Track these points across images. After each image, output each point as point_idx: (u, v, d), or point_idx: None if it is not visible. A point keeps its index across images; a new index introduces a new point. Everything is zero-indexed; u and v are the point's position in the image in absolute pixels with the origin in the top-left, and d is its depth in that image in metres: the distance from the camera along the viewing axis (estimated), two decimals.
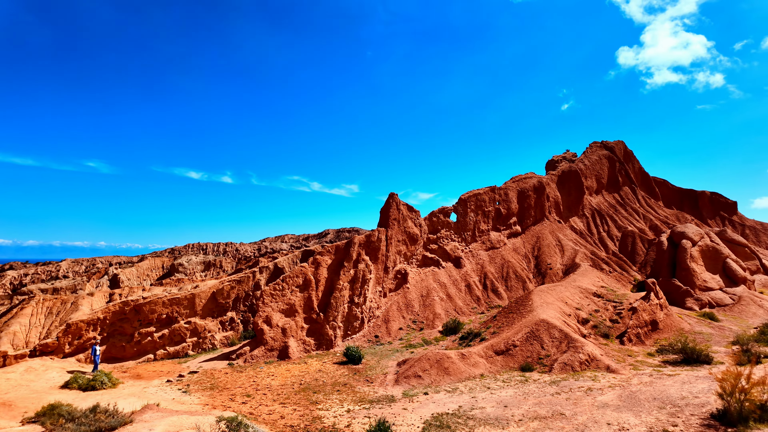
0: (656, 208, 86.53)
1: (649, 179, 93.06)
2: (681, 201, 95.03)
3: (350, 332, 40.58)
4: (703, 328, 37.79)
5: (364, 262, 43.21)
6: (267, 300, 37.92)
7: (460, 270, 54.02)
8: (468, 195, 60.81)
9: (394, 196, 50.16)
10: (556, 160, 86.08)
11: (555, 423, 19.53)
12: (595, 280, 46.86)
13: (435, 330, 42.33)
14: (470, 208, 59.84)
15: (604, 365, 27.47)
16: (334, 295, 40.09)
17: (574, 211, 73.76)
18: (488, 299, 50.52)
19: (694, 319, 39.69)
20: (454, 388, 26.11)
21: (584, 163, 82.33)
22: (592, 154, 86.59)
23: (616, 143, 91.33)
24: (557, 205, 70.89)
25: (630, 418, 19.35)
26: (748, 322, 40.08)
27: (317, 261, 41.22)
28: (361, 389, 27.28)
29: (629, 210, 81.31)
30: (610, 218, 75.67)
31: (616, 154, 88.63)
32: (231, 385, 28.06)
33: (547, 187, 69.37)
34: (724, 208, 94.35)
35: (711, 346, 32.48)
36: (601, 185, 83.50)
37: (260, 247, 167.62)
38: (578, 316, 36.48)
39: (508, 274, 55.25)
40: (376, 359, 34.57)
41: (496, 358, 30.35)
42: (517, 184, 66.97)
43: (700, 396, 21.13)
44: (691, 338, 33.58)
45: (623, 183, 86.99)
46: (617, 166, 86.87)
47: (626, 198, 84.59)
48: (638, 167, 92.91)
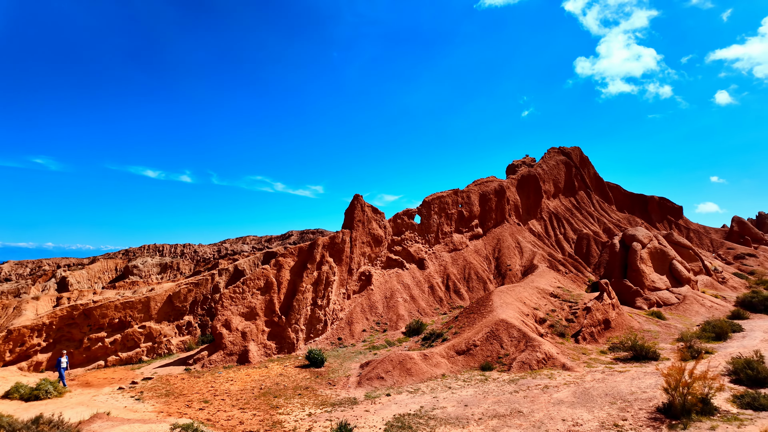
0: (609, 212, 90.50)
1: (603, 184, 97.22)
2: (632, 205, 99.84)
3: (313, 335, 40.15)
4: (652, 326, 39.79)
5: (328, 264, 42.89)
6: (226, 303, 36.95)
7: (423, 271, 54.55)
8: (432, 197, 61.55)
9: (358, 197, 50.10)
10: (517, 164, 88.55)
11: (513, 421, 20.03)
12: (552, 280, 48.46)
13: (398, 331, 42.53)
14: (434, 211, 60.58)
15: (560, 363, 28.43)
16: (296, 298, 39.56)
17: (532, 214, 76.07)
18: (450, 300, 51.26)
19: (643, 318, 41.72)
20: (417, 388, 26.31)
21: (543, 168, 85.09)
22: (550, 159, 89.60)
23: (573, 149, 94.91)
24: (517, 208, 72.90)
25: (583, 414, 20.11)
26: (692, 320, 42.54)
27: (279, 263, 40.57)
28: (323, 392, 27.03)
29: (584, 213, 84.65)
30: (567, 221, 78.54)
31: (572, 159, 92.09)
32: (188, 391, 27.14)
33: (507, 190, 71.22)
34: (671, 213, 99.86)
35: (658, 343, 34.24)
36: (558, 189, 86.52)
37: (220, 249, 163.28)
38: (536, 316, 37.60)
39: (469, 275, 56.27)
40: (339, 362, 34.35)
41: (457, 358, 30.81)
42: (479, 187, 68.39)
43: (647, 391, 22.24)
44: (641, 336, 35.29)
45: (579, 187, 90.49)
46: (573, 171, 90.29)
47: (582, 202, 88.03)
48: (593, 172, 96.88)
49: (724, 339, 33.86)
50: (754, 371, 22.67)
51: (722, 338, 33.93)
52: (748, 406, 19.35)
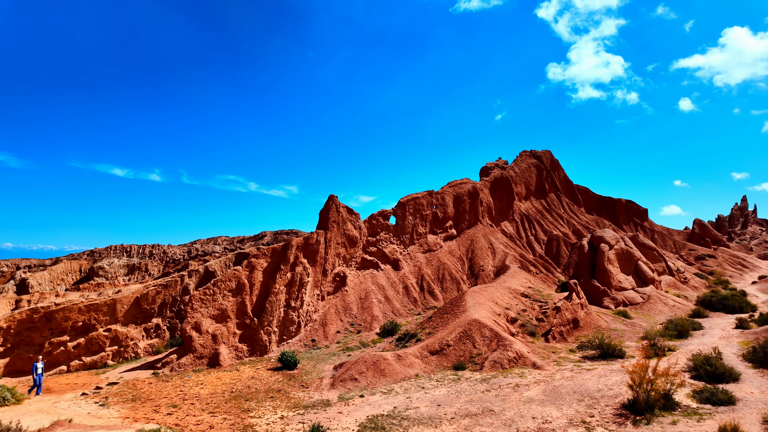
0: (578, 214, 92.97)
1: (573, 187, 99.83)
2: (600, 207, 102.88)
3: (286, 337, 39.69)
4: (618, 325, 41.06)
5: (302, 265, 42.50)
6: (196, 305, 36.13)
7: (398, 272, 54.72)
8: (407, 199, 61.83)
9: (333, 198, 49.86)
10: (490, 167, 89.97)
11: (485, 419, 20.30)
12: (523, 281, 49.40)
13: (373, 332, 42.51)
14: (409, 212, 60.87)
15: (531, 362, 28.99)
16: (269, 300, 39.03)
17: (505, 216, 77.40)
18: (425, 300, 51.58)
19: (610, 317, 43.01)
20: (390, 389, 26.35)
21: (515, 171, 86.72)
22: (522, 162, 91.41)
23: (544, 152, 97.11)
24: (490, 210, 74.03)
25: (553, 412, 20.56)
26: (656, 319, 44.12)
27: (252, 264, 39.94)
28: (295, 395, 26.75)
29: (555, 215, 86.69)
30: (538, 223, 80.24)
31: (543, 162, 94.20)
32: (155, 396, 26.38)
33: (480, 192, 72.23)
34: (636, 215, 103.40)
35: (624, 341, 35.35)
36: (529, 192, 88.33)
37: (191, 250, 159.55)
38: (507, 316, 38.24)
39: (443, 275, 56.77)
40: (313, 364, 34.07)
41: (430, 358, 31.02)
42: (453, 189, 69.12)
43: (614, 388, 22.92)
44: (607, 335, 36.38)
45: (550, 190, 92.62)
46: (544, 174, 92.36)
47: (552, 204, 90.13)
48: (563, 175, 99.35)
49: (686, 337, 35.27)
50: (712, 367, 23.69)
51: (684, 336, 35.32)
52: (706, 401, 20.19)
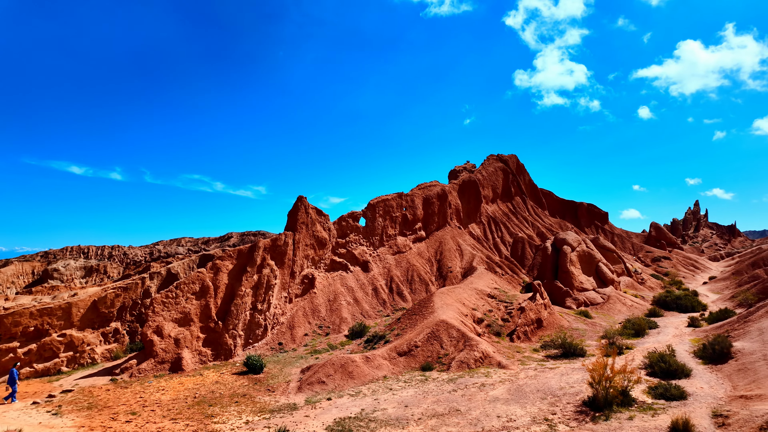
0: (543, 217, 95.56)
1: (537, 190, 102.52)
2: (563, 210, 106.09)
3: (252, 340, 38.93)
4: (579, 324, 42.40)
5: (269, 267, 41.82)
6: (158, 308, 34.95)
7: (367, 274, 54.66)
8: (377, 200, 61.90)
9: (302, 199, 49.35)
10: (458, 170, 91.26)
11: (451, 419, 20.53)
12: (489, 282, 50.31)
13: (341, 334, 42.27)
14: (379, 214, 60.94)
15: (496, 362, 29.54)
16: (235, 302, 38.20)
17: (472, 218, 78.67)
18: (394, 302, 51.73)
19: (572, 317, 44.37)
20: (358, 391, 26.26)
21: (482, 174, 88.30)
22: (489, 165, 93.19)
23: (510, 157, 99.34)
24: (458, 212, 75.07)
25: (517, 410, 21.00)
26: (615, 318, 45.83)
27: (217, 266, 39.00)
28: (261, 399, 26.26)
29: (520, 218, 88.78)
30: (504, 225, 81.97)
31: (510, 166, 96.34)
32: (113, 403, 25.32)
33: (449, 195, 73.16)
34: (598, 218, 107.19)
35: (585, 340, 36.54)
36: (496, 195, 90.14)
37: (153, 251, 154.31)
38: (474, 316, 38.84)
39: (412, 277, 57.12)
40: (279, 367, 33.56)
41: (399, 360, 31.12)
42: (422, 191, 69.70)
43: (575, 386, 23.63)
44: (569, 334, 37.50)
45: (515, 193, 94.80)
46: (510, 177, 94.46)
47: (518, 207, 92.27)
48: (528, 179, 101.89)
49: (642, 335, 36.79)
50: (666, 364, 24.81)
51: (640, 334, 36.84)
52: (661, 396, 21.12)
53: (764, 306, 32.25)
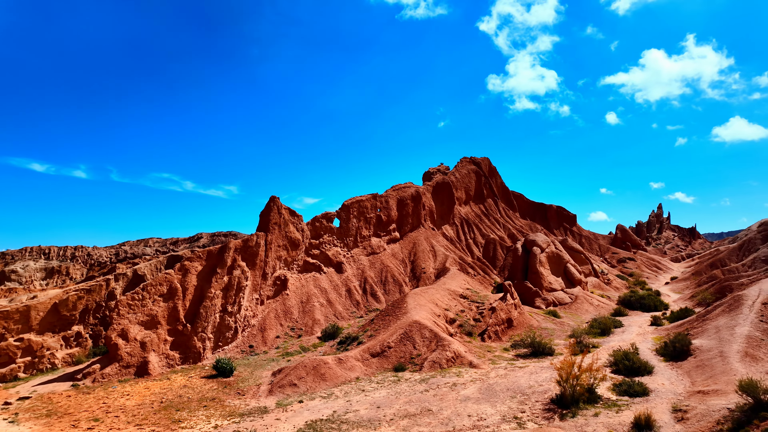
0: (514, 219, 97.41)
1: (509, 193, 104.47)
2: (534, 213, 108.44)
3: (222, 343, 38.14)
4: (548, 324, 43.36)
5: (240, 269, 41.09)
6: (123, 311, 33.83)
7: (341, 275, 54.42)
8: (351, 201, 61.75)
9: (275, 199, 48.72)
10: (432, 172, 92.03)
11: (423, 419, 20.63)
12: (462, 282, 50.89)
13: (314, 336, 41.92)
14: (353, 214, 60.79)
15: (468, 361, 29.88)
16: (204, 304, 37.35)
17: (446, 220, 79.45)
18: (367, 303, 51.67)
19: (541, 317, 45.34)
20: (330, 393, 26.08)
21: (456, 176, 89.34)
22: (462, 168, 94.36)
23: (483, 159, 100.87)
24: (432, 214, 75.69)
25: (487, 409, 21.30)
26: (582, 318, 47.10)
27: (185, 267, 38.05)
28: (231, 403, 25.75)
29: (492, 220, 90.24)
30: (476, 227, 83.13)
31: (482, 169, 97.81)
32: (74, 410, 24.34)
33: (423, 196, 73.67)
34: (566, 220, 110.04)
35: (554, 339, 37.39)
36: (469, 197, 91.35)
37: (118, 252, 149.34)
38: (446, 317, 39.19)
39: (386, 278, 57.20)
40: (250, 370, 33.00)
41: (371, 361, 31.08)
42: (397, 192, 69.95)
43: (543, 384, 24.15)
44: (539, 333, 38.30)
45: (488, 195, 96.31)
46: (483, 180, 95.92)
47: (490, 209, 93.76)
48: (500, 182, 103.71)
49: (608, 334, 37.94)
50: (630, 362, 25.66)
51: (606, 333, 37.97)
52: (625, 393, 21.83)
53: (721, 305, 33.77)
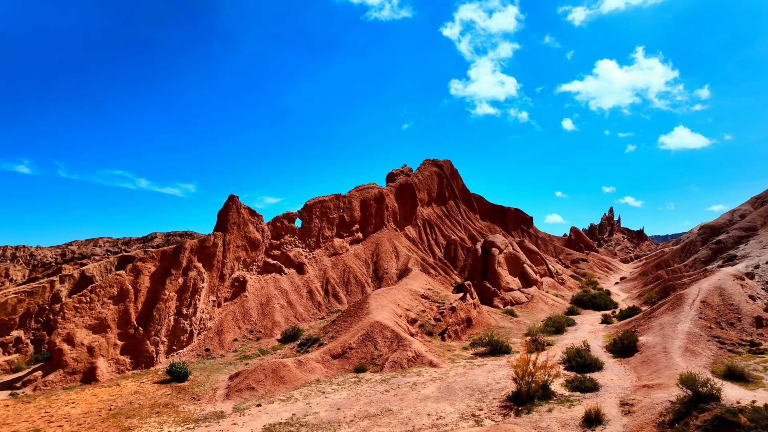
0: (474, 221, 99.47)
1: (470, 195, 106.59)
2: (493, 215, 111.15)
3: (176, 347, 36.80)
4: (506, 323, 44.53)
5: (196, 270, 39.80)
6: (69, 314, 32.00)
7: (302, 276, 53.73)
8: (314, 201, 61.11)
9: (234, 198, 47.50)
10: (395, 173, 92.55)
11: (383, 419, 20.67)
12: (423, 283, 51.44)
13: (273, 339, 41.16)
14: (315, 215, 60.18)
15: (428, 361, 30.22)
16: (157, 307, 35.90)
17: (409, 221, 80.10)
18: (329, 304, 51.27)
19: (499, 316, 46.50)
20: (290, 396, 25.69)
21: (418, 178, 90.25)
22: (425, 170, 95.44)
23: (445, 162, 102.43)
24: (395, 215, 76.10)
25: (446, 408, 21.60)
26: (538, 317, 48.66)
27: (138, 268, 36.46)
28: (185, 408, 24.87)
29: (453, 221, 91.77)
30: (438, 228, 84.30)
31: (444, 171, 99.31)
32: (12, 420, 22.78)
33: (386, 197, 73.94)
34: (524, 222, 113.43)
35: (511, 338, 38.43)
36: (431, 198, 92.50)
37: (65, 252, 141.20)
38: (408, 317, 39.50)
39: (349, 279, 56.98)
40: (206, 374, 32.01)
41: (332, 362, 30.86)
42: (360, 193, 69.85)
43: (500, 382, 24.76)
44: (496, 332, 39.26)
45: (449, 197, 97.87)
46: (445, 182, 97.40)
47: (451, 210, 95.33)
48: (461, 184, 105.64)
49: (562, 332, 39.38)
50: (582, 359, 26.74)
51: (560, 331, 39.40)
52: (577, 389, 22.71)
53: (665, 304, 35.79)
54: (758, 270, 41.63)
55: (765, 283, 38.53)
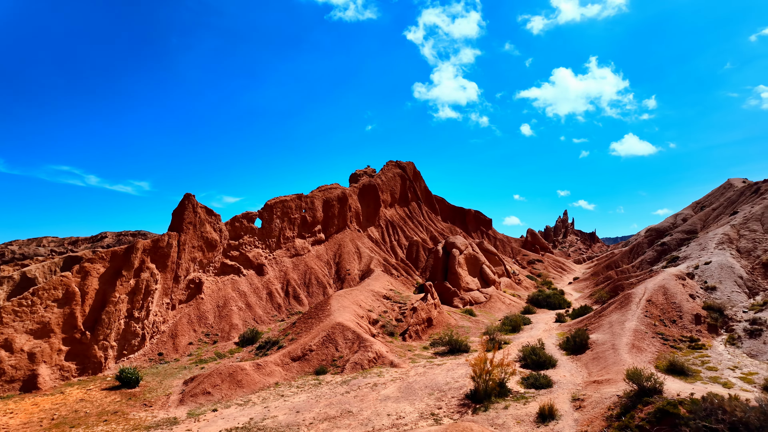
0: (436, 222, 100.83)
1: (432, 197, 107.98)
2: (454, 216, 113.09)
3: (127, 352, 35.18)
4: (465, 322, 45.39)
5: (149, 271, 38.22)
6: (8, 318, 29.95)
7: (262, 277, 52.67)
8: (275, 201, 60.04)
9: (190, 197, 45.96)
10: (359, 174, 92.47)
11: (343, 421, 20.57)
12: (385, 284, 51.64)
13: (231, 342, 40.11)
14: (276, 215, 59.15)
15: (389, 361, 30.35)
16: (107, 310, 34.21)
17: (371, 222, 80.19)
18: (290, 306, 50.52)
19: (459, 315, 47.33)
20: (247, 400, 25.11)
21: (381, 179, 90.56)
22: (388, 171, 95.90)
23: (408, 164, 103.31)
24: (358, 216, 75.98)
25: (406, 407, 21.76)
26: (496, 316, 49.89)
27: (85, 269, 34.61)
28: (136, 415, 23.81)
29: (415, 222, 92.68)
30: (401, 229, 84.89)
31: (407, 173, 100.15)
32: None
33: (350, 198, 73.71)
34: (483, 224, 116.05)
35: (470, 337, 39.20)
36: (394, 199, 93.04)
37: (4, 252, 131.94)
38: (370, 318, 39.52)
39: (310, 280, 56.36)
40: (159, 379, 30.78)
41: (292, 365, 30.42)
42: (323, 193, 69.27)
43: (459, 380, 25.19)
44: (456, 332, 39.95)
45: (412, 199, 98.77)
46: (408, 183, 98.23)
47: (414, 212, 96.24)
48: (424, 186, 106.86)
49: (518, 331, 40.56)
50: (537, 357, 27.63)
51: (517, 330, 40.57)
52: (532, 386, 23.44)
53: (614, 302, 37.56)
54: (698, 270, 44.41)
55: (704, 282, 41.19)
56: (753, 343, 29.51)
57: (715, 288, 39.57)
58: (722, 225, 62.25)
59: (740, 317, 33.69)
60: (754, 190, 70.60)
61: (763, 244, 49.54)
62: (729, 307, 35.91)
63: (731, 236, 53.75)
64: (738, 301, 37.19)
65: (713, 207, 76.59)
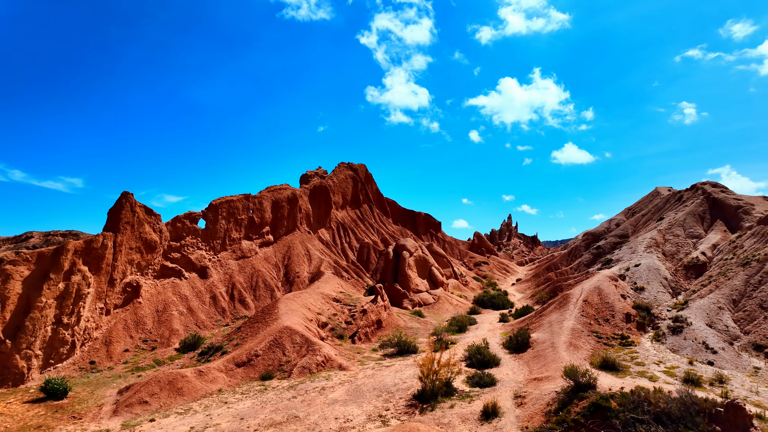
0: (387, 224, 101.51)
1: (383, 199, 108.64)
2: (405, 219, 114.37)
3: (54, 361, 32.60)
4: (414, 323, 45.95)
5: (81, 274, 35.69)
6: None
7: (205, 281, 50.66)
8: (220, 201, 57.99)
9: (128, 195, 43.41)
10: (310, 175, 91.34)
11: (289, 426, 20.16)
12: (335, 286, 51.27)
13: (171, 348, 38.23)
14: (222, 215, 57.15)
15: (338, 364, 30.12)
16: (31, 316, 31.54)
17: (322, 223, 79.40)
18: (235, 310, 48.92)
19: (408, 317, 47.85)
20: (188, 408, 24.02)
21: (333, 181, 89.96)
22: (340, 173, 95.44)
23: (360, 166, 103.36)
24: (308, 217, 74.97)
25: (354, 410, 21.67)
26: (444, 317, 50.89)
27: (6, 272, 31.75)
28: (63, 429, 22.11)
29: (367, 224, 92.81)
30: (352, 231, 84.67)
31: (359, 175, 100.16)
32: None
33: (300, 199, 72.59)
34: (433, 227, 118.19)
35: (418, 338, 39.71)
36: (346, 201, 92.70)
37: None
38: (319, 321, 39.06)
39: (257, 283, 54.88)
40: (90, 389, 28.77)
41: (236, 371, 29.46)
42: (272, 194, 67.75)
43: (407, 381, 25.44)
44: (405, 333, 40.34)
45: (363, 201, 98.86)
46: (360, 185, 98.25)
47: (365, 214, 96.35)
48: (375, 188, 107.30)
49: (464, 331, 41.60)
50: (481, 356, 28.44)
51: (463, 330, 41.59)
52: (476, 384, 24.10)
53: (553, 303, 39.42)
54: (629, 272, 47.59)
55: (634, 283, 44.19)
56: (675, 339, 32.02)
57: (644, 288, 42.56)
58: (650, 230, 67.19)
59: (665, 315, 36.44)
60: (678, 198, 76.79)
61: (685, 248, 53.92)
62: (655, 306, 38.76)
63: (658, 240, 58.06)
64: (663, 301, 40.22)
65: (642, 213, 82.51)
